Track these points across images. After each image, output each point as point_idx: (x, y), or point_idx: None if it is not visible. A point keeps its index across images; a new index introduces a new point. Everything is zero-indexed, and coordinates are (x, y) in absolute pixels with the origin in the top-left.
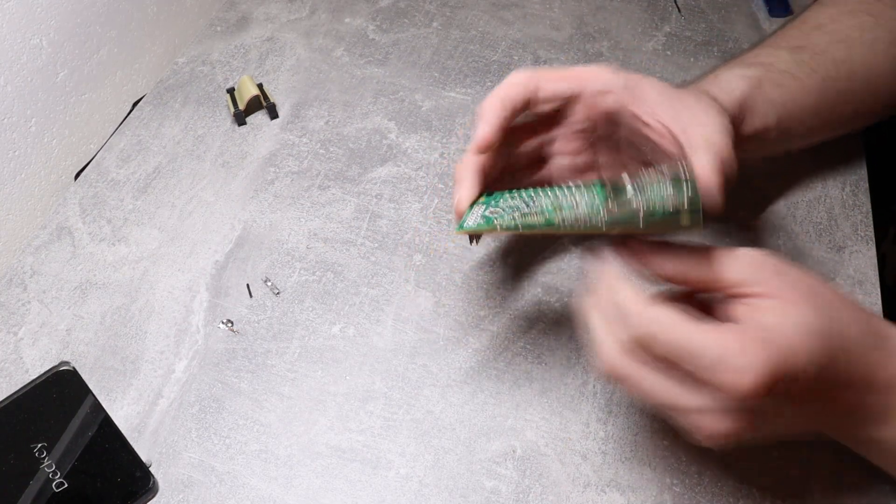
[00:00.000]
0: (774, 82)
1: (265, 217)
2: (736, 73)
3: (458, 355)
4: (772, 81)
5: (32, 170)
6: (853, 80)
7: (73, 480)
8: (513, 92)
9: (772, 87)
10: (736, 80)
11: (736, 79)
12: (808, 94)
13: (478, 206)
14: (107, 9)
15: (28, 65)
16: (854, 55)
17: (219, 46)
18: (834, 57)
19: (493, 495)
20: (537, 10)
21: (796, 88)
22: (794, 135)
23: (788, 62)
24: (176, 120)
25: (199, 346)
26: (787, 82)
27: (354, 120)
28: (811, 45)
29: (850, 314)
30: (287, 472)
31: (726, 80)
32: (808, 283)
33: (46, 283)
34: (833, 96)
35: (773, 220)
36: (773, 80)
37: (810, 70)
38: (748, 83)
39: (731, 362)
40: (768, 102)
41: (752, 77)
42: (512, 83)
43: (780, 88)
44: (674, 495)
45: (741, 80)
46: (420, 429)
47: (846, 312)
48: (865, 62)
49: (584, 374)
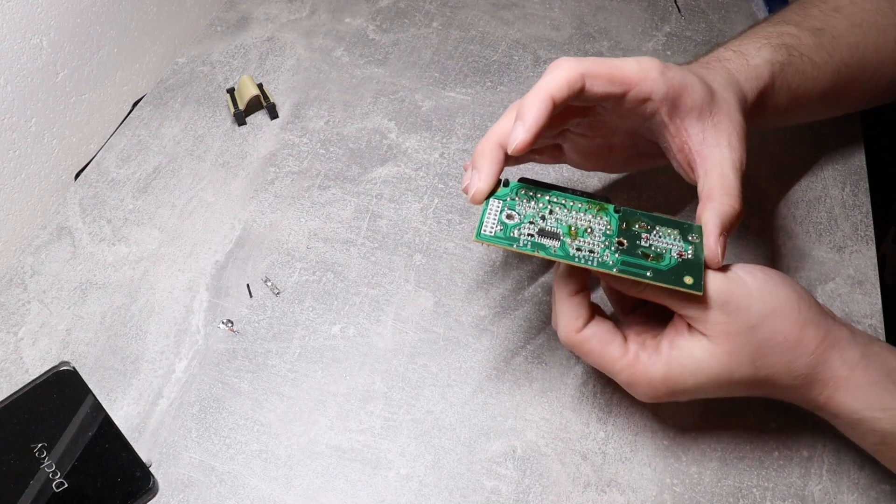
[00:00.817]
0: (797, 69)
1: (265, 217)
2: (765, 57)
3: (458, 355)
4: (794, 68)
5: (32, 170)
6: (864, 66)
7: (73, 480)
8: (557, 91)
9: (793, 75)
10: (764, 67)
11: (765, 65)
12: (822, 80)
13: (493, 203)
14: (107, 9)
15: (28, 65)
16: (868, 41)
17: (219, 46)
18: (849, 42)
19: (493, 495)
20: (537, 10)
21: (813, 76)
22: (796, 116)
23: (810, 46)
24: (176, 120)
25: (199, 346)
26: (807, 70)
27: (354, 120)
28: (830, 28)
29: (787, 352)
30: (287, 472)
31: (755, 65)
32: (752, 315)
33: (46, 283)
34: (843, 82)
35: (773, 220)
36: (795, 66)
37: (827, 56)
38: (775, 70)
39: (635, 389)
40: (785, 87)
41: (778, 63)
42: (557, 81)
43: (799, 76)
44: (674, 495)
45: (768, 67)
46: (420, 429)
47: (785, 347)
48: (877, 47)
49: (584, 374)
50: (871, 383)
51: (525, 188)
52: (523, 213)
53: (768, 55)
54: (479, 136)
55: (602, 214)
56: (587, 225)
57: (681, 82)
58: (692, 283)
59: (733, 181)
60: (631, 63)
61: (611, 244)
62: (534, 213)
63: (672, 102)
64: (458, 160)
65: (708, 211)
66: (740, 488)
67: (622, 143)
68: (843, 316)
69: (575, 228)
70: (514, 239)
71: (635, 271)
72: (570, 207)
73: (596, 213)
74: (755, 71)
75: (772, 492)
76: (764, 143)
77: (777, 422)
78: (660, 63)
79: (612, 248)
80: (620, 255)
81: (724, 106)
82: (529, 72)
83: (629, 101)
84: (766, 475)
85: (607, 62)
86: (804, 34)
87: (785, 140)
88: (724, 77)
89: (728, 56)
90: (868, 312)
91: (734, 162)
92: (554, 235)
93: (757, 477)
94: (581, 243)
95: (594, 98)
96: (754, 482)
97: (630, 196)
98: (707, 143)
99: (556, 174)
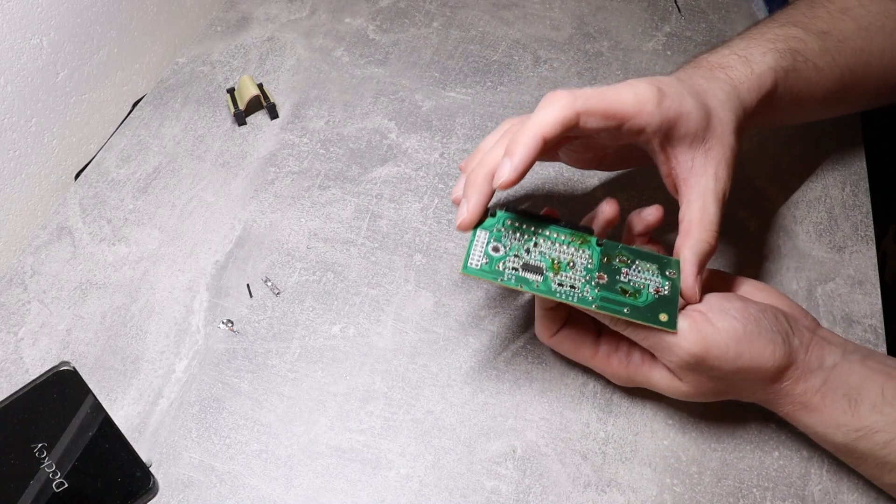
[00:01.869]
0: (801, 75)
1: (265, 217)
2: (769, 64)
3: (458, 355)
4: (799, 74)
5: (32, 170)
6: (868, 69)
7: (73, 480)
8: (550, 131)
9: (796, 80)
10: (768, 74)
11: (768, 72)
12: (824, 84)
13: (481, 234)
14: (107, 9)
15: (28, 65)
16: (873, 44)
17: (219, 46)
18: (854, 46)
19: (493, 495)
20: (537, 10)
21: (817, 81)
22: (796, 117)
23: (815, 51)
24: (176, 120)
25: (199, 346)
26: (811, 75)
27: (354, 120)
28: (836, 32)
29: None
30: (287, 472)
31: (759, 73)
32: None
33: (46, 283)
34: (846, 85)
35: (773, 220)
36: (800, 72)
37: (832, 60)
38: (778, 77)
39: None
40: (788, 92)
41: (783, 70)
42: (551, 121)
43: (803, 81)
44: (674, 495)
45: (772, 74)
46: (420, 429)
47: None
48: (882, 51)
49: (584, 374)
50: (828, 405)
51: (512, 219)
52: (509, 246)
53: (773, 61)
54: (479, 137)
55: (585, 248)
56: (570, 258)
57: (676, 112)
58: (667, 320)
59: (713, 215)
60: (627, 95)
61: (591, 279)
62: (518, 246)
63: (665, 133)
64: (458, 160)
65: (686, 249)
66: (740, 488)
67: (615, 154)
68: (843, 316)
69: (558, 262)
70: (500, 273)
71: (613, 308)
72: (553, 240)
73: (579, 245)
74: (758, 80)
75: (772, 492)
76: (764, 144)
77: (777, 422)
78: (657, 92)
79: (593, 282)
80: (600, 290)
81: (719, 129)
82: (529, 72)
83: (623, 132)
84: (766, 475)
85: (604, 96)
86: (810, 38)
87: (785, 140)
88: (724, 91)
89: (732, 62)
90: (868, 312)
91: (717, 193)
92: (537, 270)
93: (757, 477)
94: (563, 278)
95: (587, 132)
96: (754, 482)
97: (630, 196)
98: (694, 172)
99: (556, 173)
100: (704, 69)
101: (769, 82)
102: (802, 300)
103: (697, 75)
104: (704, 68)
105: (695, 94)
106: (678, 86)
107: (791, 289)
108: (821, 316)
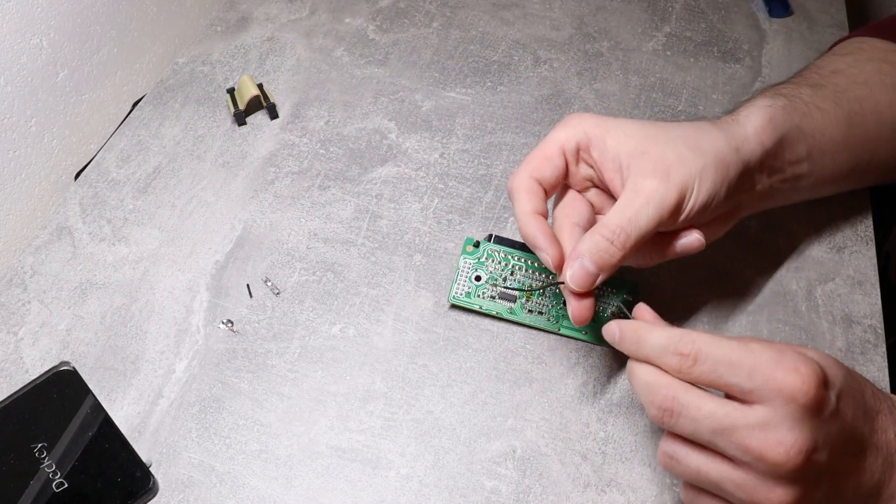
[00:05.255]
0: (800, 112)
1: (265, 217)
2: (757, 105)
3: (458, 355)
4: (797, 111)
5: (32, 170)
6: (881, 121)
7: (73, 480)
8: (524, 208)
9: (798, 117)
10: (756, 111)
11: (757, 109)
12: (835, 126)
13: (465, 264)
14: (107, 9)
15: (28, 65)
16: (877, 95)
17: (219, 46)
18: (856, 95)
19: (493, 495)
20: (537, 10)
21: (822, 120)
22: (826, 171)
23: (812, 96)
24: (176, 120)
25: (199, 346)
26: (812, 113)
27: (354, 120)
28: (832, 85)
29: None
30: (287, 472)
31: (745, 114)
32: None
33: (46, 283)
34: (862, 132)
35: (773, 220)
36: (798, 109)
37: (833, 104)
38: (775, 113)
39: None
40: (796, 129)
41: (779, 107)
42: (522, 201)
43: (806, 118)
44: (674, 495)
45: (763, 111)
46: (420, 429)
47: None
48: (891, 104)
49: (584, 374)
50: None
51: (495, 248)
52: (488, 274)
53: (762, 102)
54: (479, 137)
55: (555, 275)
56: (541, 285)
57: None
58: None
59: (641, 220)
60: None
61: (558, 304)
62: (496, 275)
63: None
64: (458, 160)
65: (587, 238)
66: None
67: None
68: (842, 316)
69: (530, 289)
70: (480, 301)
71: (574, 333)
72: (528, 266)
73: (551, 272)
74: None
75: None
76: None
77: None
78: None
79: (559, 307)
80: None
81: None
82: (529, 72)
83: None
84: None
85: (535, 153)
86: (802, 88)
87: None
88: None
89: (711, 124)
90: (868, 312)
91: (662, 203)
92: (511, 298)
93: None
94: (534, 305)
95: (556, 183)
96: None
97: None
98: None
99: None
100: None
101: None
102: (802, 300)
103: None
104: (685, 140)
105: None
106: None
107: (791, 289)
108: (821, 316)
